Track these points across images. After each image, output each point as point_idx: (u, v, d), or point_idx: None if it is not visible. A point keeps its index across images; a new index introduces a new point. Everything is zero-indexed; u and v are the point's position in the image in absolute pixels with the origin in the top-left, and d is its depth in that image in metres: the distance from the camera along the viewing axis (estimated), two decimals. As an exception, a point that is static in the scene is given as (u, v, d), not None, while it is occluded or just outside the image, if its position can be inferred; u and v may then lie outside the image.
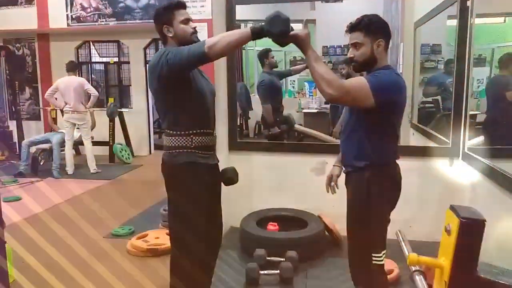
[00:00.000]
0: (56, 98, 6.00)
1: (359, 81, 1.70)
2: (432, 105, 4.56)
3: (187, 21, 1.91)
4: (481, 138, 3.12)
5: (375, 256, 1.80)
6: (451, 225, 1.70)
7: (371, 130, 1.76)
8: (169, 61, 1.74)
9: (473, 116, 3.17)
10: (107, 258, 3.13)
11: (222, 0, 3.27)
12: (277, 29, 1.67)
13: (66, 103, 5.82)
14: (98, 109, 6.84)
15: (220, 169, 2.09)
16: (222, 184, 2.10)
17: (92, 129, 6.19)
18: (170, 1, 1.93)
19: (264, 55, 4.44)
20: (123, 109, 7.16)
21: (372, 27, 1.75)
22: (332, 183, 2.07)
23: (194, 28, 1.92)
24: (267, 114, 4.38)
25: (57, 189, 5.17)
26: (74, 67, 6.00)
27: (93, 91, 5.92)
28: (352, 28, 1.78)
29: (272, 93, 4.49)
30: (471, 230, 1.64)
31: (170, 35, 1.90)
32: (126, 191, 5.16)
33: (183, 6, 1.94)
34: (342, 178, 2.00)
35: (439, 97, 4.45)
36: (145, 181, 5.51)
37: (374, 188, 1.77)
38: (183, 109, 1.87)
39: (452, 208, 1.72)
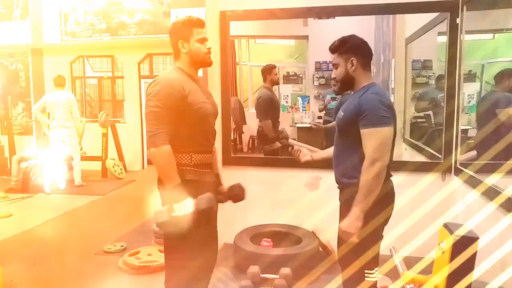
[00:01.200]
0: (48, 113, 5.99)
1: (373, 135, 1.72)
2: (424, 120, 4.60)
3: (203, 40, 1.90)
4: (473, 153, 3.15)
5: (367, 273, 1.80)
6: (444, 243, 1.70)
7: (360, 149, 1.77)
8: (146, 112, 1.79)
9: (465, 131, 3.20)
10: (98, 275, 3.09)
11: (216, 16, 3.30)
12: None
13: (53, 118, 5.78)
14: (91, 119, 6.85)
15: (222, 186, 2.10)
16: (217, 204, 2.09)
17: (80, 139, 6.18)
18: (190, 17, 1.92)
19: (267, 71, 4.40)
20: (115, 119, 7.10)
21: (343, 48, 1.85)
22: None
23: (209, 49, 1.92)
24: (268, 130, 4.35)
25: (49, 205, 5.12)
26: (63, 82, 5.95)
27: (76, 111, 5.87)
28: (331, 49, 1.90)
29: (271, 109, 4.49)
30: (464, 248, 1.64)
31: (184, 51, 1.89)
32: (119, 206, 5.11)
33: (202, 25, 1.93)
34: (336, 194, 2.00)
35: (430, 112, 4.49)
36: (138, 196, 5.46)
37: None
38: (185, 130, 1.85)
39: (446, 225, 1.72)
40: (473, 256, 1.66)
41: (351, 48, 1.85)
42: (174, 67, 1.94)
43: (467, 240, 1.65)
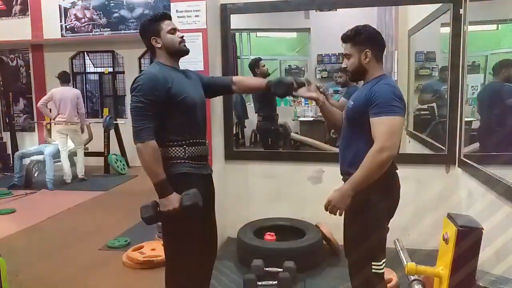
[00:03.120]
0: (50, 109, 6.01)
1: (384, 123, 1.68)
2: (428, 112, 4.57)
3: (174, 30, 1.93)
4: (477, 145, 3.13)
5: (375, 265, 1.79)
6: (448, 234, 1.69)
7: (370, 140, 1.75)
8: (131, 109, 1.81)
9: (469, 123, 3.18)
10: (102, 270, 3.09)
11: (216, 10, 3.28)
12: None
13: (59, 114, 5.82)
14: (93, 120, 6.85)
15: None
16: (213, 196, 2.09)
17: (89, 141, 6.26)
18: (154, 13, 1.97)
19: (255, 65, 4.44)
20: (118, 121, 7.07)
21: (357, 39, 1.80)
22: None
23: (182, 37, 1.94)
24: None
25: (51, 201, 5.13)
26: (68, 78, 6.06)
27: (82, 107, 6.00)
28: (343, 39, 1.85)
29: (266, 100, 4.48)
30: (468, 238, 1.63)
31: (159, 45, 1.92)
32: (122, 202, 5.11)
33: (169, 17, 1.97)
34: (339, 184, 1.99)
35: (434, 104, 4.46)
36: (140, 191, 5.45)
37: (373, 197, 1.75)
38: (174, 122, 1.86)
39: (450, 216, 1.71)
40: (477, 246, 1.65)
41: (366, 39, 1.80)
42: (154, 62, 1.95)
43: (471, 231, 1.64)
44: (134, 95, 1.80)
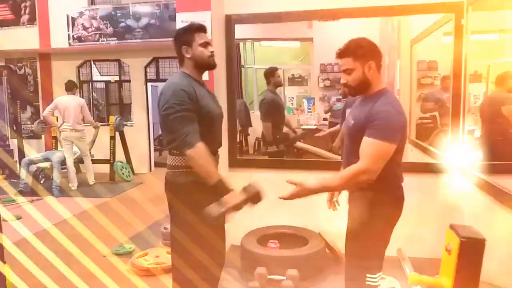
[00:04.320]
0: (57, 118, 6.10)
1: (375, 147, 1.67)
2: (430, 121, 4.58)
3: (206, 44, 1.95)
4: (479, 154, 3.14)
5: (369, 277, 1.79)
6: (451, 245, 1.70)
7: None
8: (170, 120, 1.80)
9: (471, 132, 3.20)
10: (107, 277, 3.11)
11: (221, 20, 3.33)
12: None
13: (64, 122, 5.92)
14: (101, 124, 6.93)
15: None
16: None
17: (92, 143, 6.29)
18: (191, 23, 1.99)
19: (270, 74, 4.45)
20: (128, 123, 7.22)
21: (359, 51, 1.77)
22: (335, 198, 2.09)
23: (212, 52, 1.96)
24: (266, 132, 4.39)
25: (57, 208, 5.15)
26: (73, 87, 6.15)
27: (88, 115, 6.11)
28: (341, 54, 1.80)
29: (274, 111, 4.51)
30: (471, 249, 1.64)
31: (188, 56, 1.94)
32: (127, 209, 5.13)
33: (204, 30, 1.98)
34: (344, 195, 2.00)
35: (436, 113, 4.47)
36: (145, 199, 5.50)
37: (377, 210, 1.76)
38: None
39: (452, 227, 1.72)
40: (480, 257, 1.66)
41: (368, 51, 1.78)
42: (180, 72, 1.98)
43: (474, 242, 1.65)
44: (170, 107, 1.79)
